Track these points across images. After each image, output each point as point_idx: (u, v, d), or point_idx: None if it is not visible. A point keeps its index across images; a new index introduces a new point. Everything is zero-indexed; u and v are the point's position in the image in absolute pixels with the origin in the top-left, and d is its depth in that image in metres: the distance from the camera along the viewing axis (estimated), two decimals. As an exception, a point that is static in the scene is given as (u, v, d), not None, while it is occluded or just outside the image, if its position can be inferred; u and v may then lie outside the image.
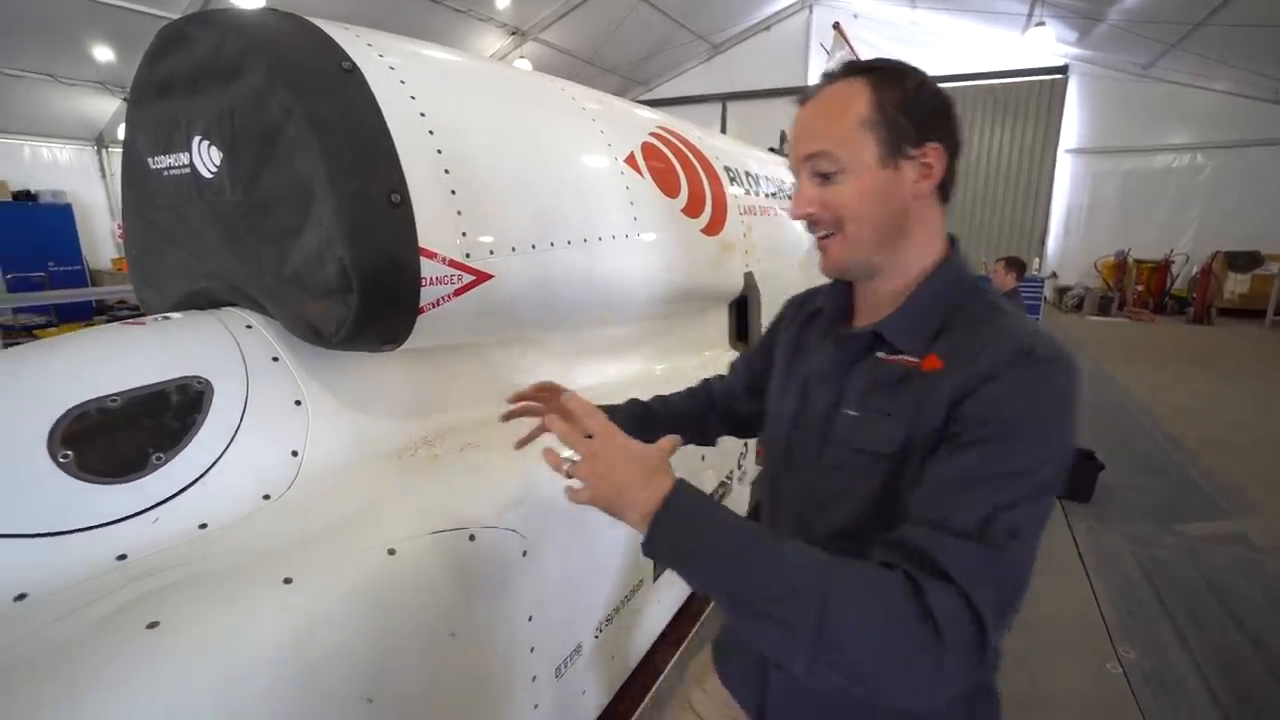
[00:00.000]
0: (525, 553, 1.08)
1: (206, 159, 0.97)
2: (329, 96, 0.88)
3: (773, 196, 2.38)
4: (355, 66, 0.92)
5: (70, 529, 0.72)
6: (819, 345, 0.87)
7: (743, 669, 0.94)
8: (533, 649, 1.13)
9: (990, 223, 11.01)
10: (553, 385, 1.00)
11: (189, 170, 1.00)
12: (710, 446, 1.17)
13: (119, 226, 8.75)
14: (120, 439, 0.79)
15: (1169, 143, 9.99)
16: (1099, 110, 10.24)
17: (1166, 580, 2.67)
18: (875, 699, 0.57)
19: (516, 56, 9.78)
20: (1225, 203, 9.75)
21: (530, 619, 1.11)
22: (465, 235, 1.01)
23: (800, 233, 2.59)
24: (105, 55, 7.14)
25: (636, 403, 1.09)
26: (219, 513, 0.83)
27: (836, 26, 5.16)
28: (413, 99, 0.97)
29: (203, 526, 0.82)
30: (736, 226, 1.95)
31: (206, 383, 0.88)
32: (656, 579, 1.60)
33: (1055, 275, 10.95)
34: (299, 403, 0.96)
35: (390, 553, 0.85)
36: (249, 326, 0.99)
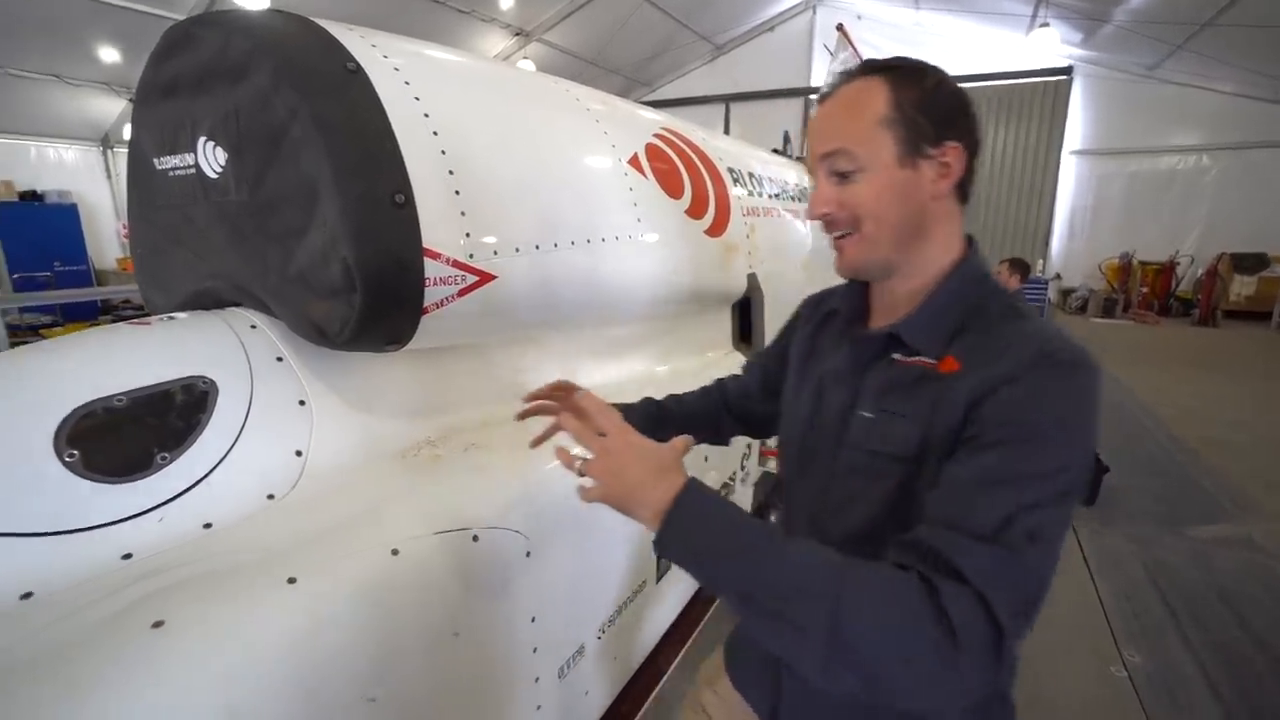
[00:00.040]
0: (528, 553, 1.08)
1: (212, 159, 0.98)
2: (334, 97, 0.88)
3: (776, 198, 2.38)
4: (360, 67, 0.92)
5: (76, 528, 0.72)
6: (834, 347, 0.86)
7: (755, 672, 0.93)
8: (535, 650, 1.13)
9: (994, 224, 10.97)
10: (567, 384, 1.00)
11: (194, 171, 1.01)
12: (723, 446, 1.16)
13: (124, 226, 8.78)
14: (126, 438, 0.79)
15: (1174, 144, 9.94)
16: (1104, 111, 10.20)
17: (1171, 583, 2.66)
18: (889, 702, 0.56)
19: (520, 57, 9.79)
20: (1231, 204, 9.69)
21: (533, 620, 1.11)
22: (469, 236, 1.01)
23: (803, 234, 2.58)
24: (111, 56, 7.17)
25: (650, 401, 1.08)
26: (223, 512, 0.84)
27: (840, 28, 5.15)
28: (417, 100, 0.97)
29: (207, 526, 0.82)
30: (740, 228, 1.94)
31: (211, 383, 0.88)
32: (660, 580, 1.60)
33: (1059, 277, 10.91)
34: (303, 403, 0.96)
35: (394, 553, 0.85)
36: (253, 326, 0.99)
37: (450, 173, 0.99)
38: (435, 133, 0.98)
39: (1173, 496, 3.47)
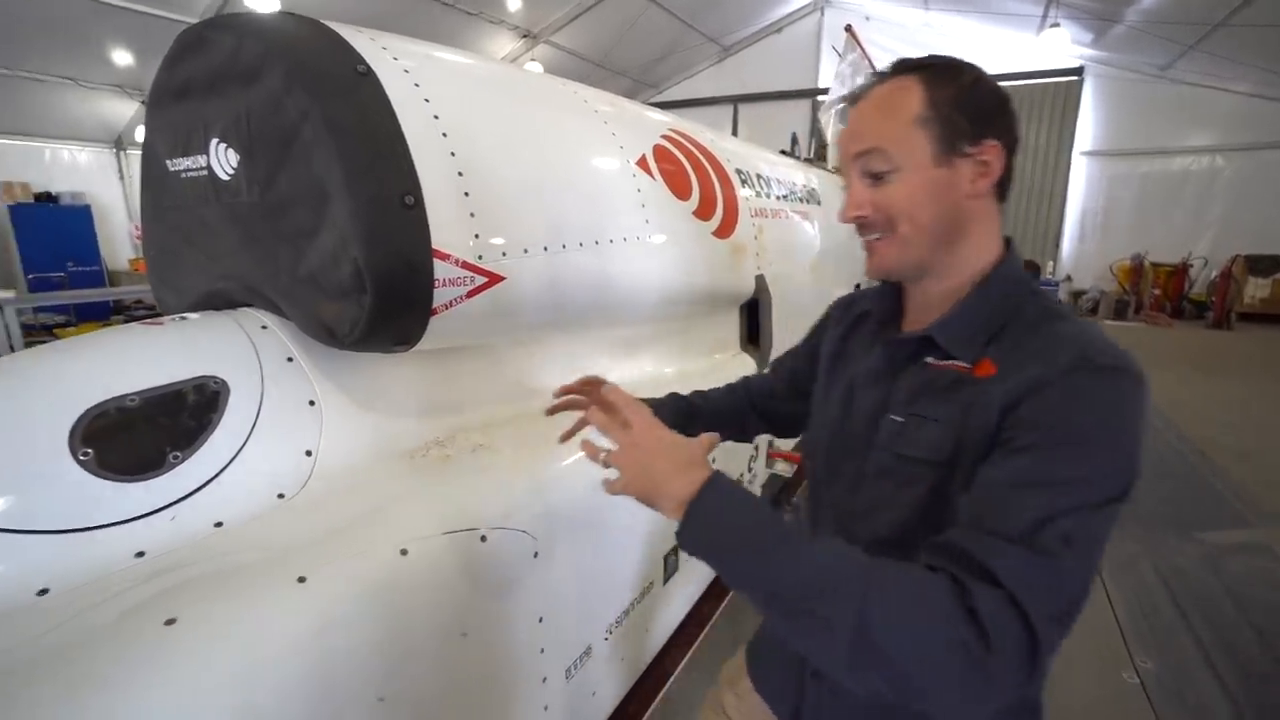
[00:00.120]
0: (536, 554, 1.08)
1: (224, 161, 0.99)
2: (345, 99, 0.89)
3: (784, 199, 2.37)
4: (370, 70, 0.92)
5: (91, 526, 0.73)
6: (866, 349, 0.85)
7: (777, 674, 0.92)
8: (543, 650, 1.13)
9: (1004, 225, 10.88)
10: (596, 379, 0.99)
11: (206, 172, 1.02)
12: (747, 443, 1.16)
13: (136, 228, 8.89)
14: (139, 438, 0.80)
15: (1187, 145, 9.84)
16: (1115, 112, 10.11)
17: (1185, 589, 2.62)
18: (915, 704, 0.54)
19: (527, 59, 9.83)
20: (1246, 205, 9.58)
21: (541, 620, 1.11)
22: (478, 237, 1.02)
23: (811, 235, 2.58)
24: (124, 59, 7.26)
25: (677, 397, 1.08)
26: (234, 511, 0.84)
27: (848, 29, 5.14)
28: (427, 102, 0.98)
29: (218, 525, 0.82)
30: (748, 229, 1.94)
31: (223, 383, 0.89)
32: (667, 581, 1.60)
33: (1070, 279, 10.82)
34: (313, 403, 0.97)
35: (402, 553, 0.86)
36: (264, 327, 1.00)
37: (460, 174, 0.99)
38: (445, 134, 0.99)
39: (1187, 501, 3.43)
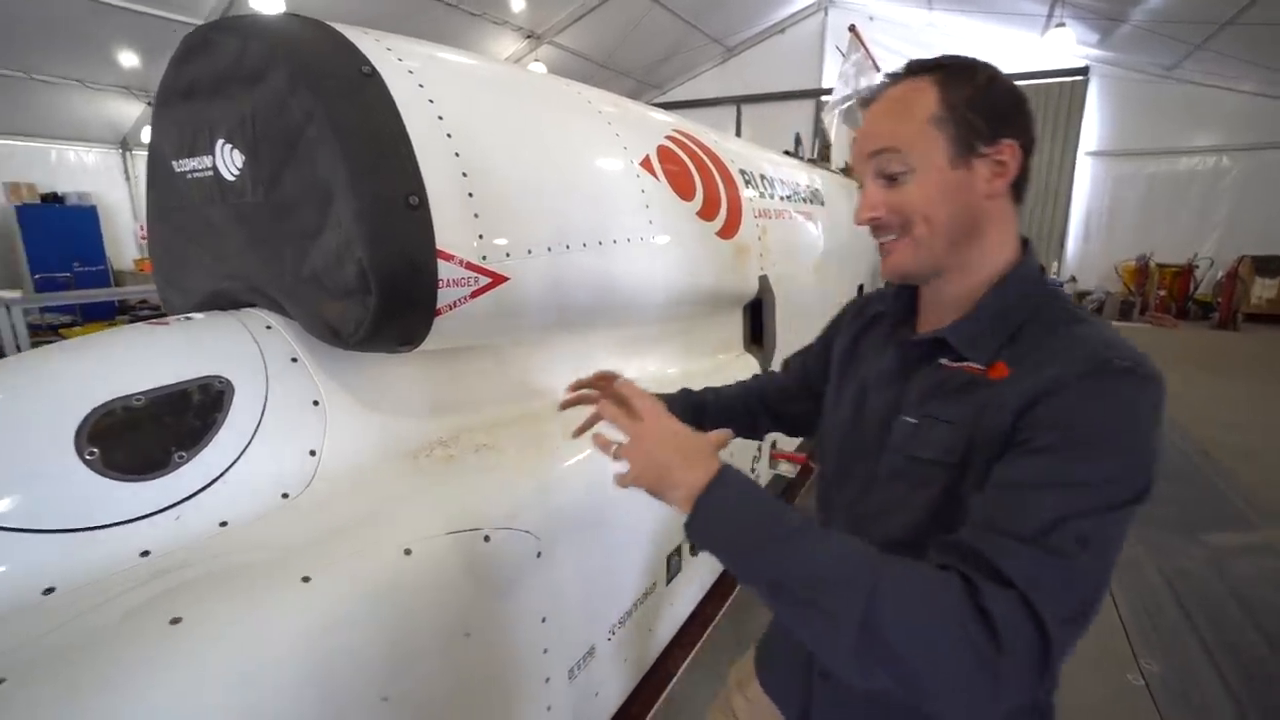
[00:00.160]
0: (539, 554, 1.08)
1: (229, 162, 0.99)
2: (349, 100, 0.89)
3: (788, 199, 2.37)
4: (375, 70, 0.93)
5: (96, 525, 0.73)
6: (879, 350, 0.84)
7: (786, 676, 0.92)
8: (546, 650, 1.13)
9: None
10: (609, 373, 0.99)
11: (212, 173, 1.02)
12: (757, 440, 1.16)
13: (141, 228, 8.92)
14: (144, 437, 0.80)
15: (1193, 145, 9.78)
16: (1120, 112, 10.06)
17: (1190, 591, 2.61)
18: (921, 703, 0.54)
19: (531, 60, 9.84)
20: (1252, 206, 9.51)
21: (544, 620, 1.11)
22: (482, 238, 1.02)
23: (815, 236, 2.57)
24: (130, 61, 7.28)
25: (689, 392, 1.08)
26: (239, 511, 0.84)
27: (852, 29, 5.12)
28: (431, 102, 0.98)
29: (223, 524, 0.83)
30: (751, 229, 1.94)
31: (227, 382, 0.89)
32: (670, 582, 1.60)
33: (1074, 279, 10.78)
34: (317, 403, 0.97)
35: (406, 553, 0.86)
36: (269, 327, 1.00)
37: (464, 175, 0.99)
38: (449, 135, 0.99)
39: (1192, 503, 3.41)
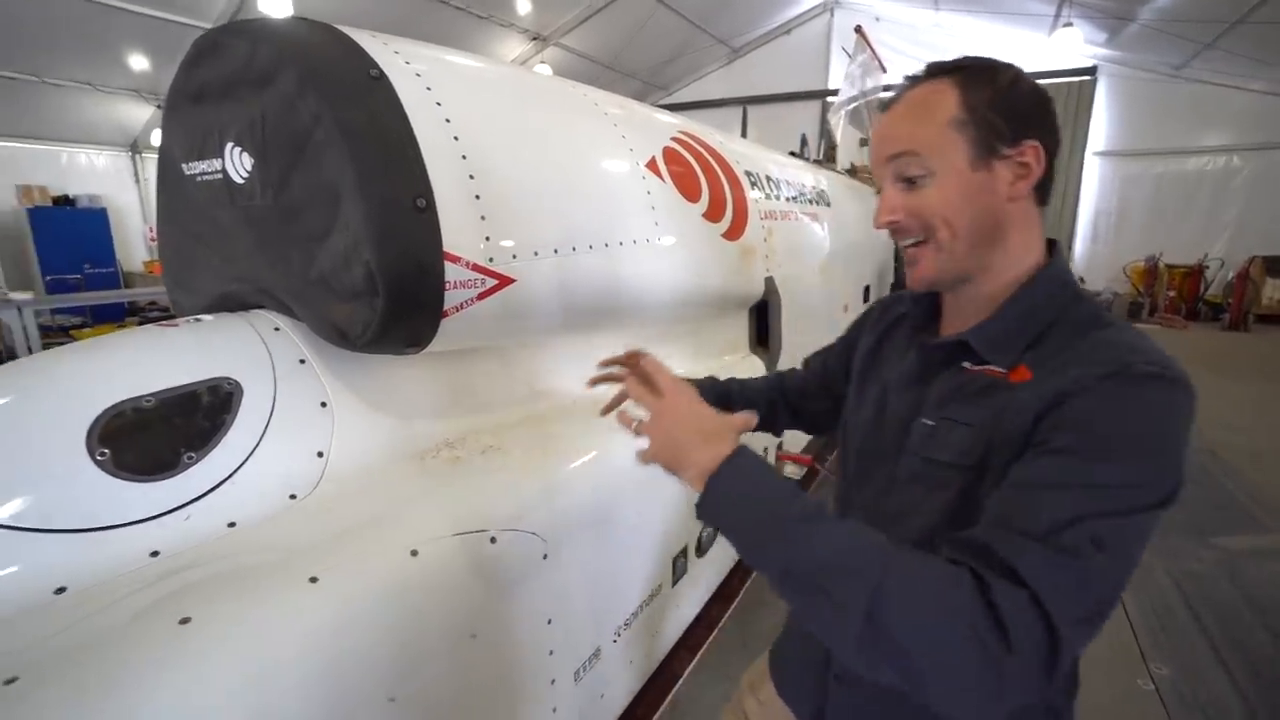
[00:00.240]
0: (545, 556, 1.08)
1: (238, 164, 1.00)
2: (357, 103, 0.89)
3: (794, 201, 2.36)
4: (383, 73, 0.93)
5: (107, 525, 0.74)
6: (901, 352, 0.84)
7: (800, 677, 0.92)
8: (552, 652, 1.13)
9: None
10: (639, 351, 0.98)
11: (221, 175, 1.03)
12: (777, 437, 1.16)
13: (151, 230, 9.00)
14: (154, 438, 0.80)
15: (1203, 145, 9.70)
16: (1129, 112, 9.99)
17: (1201, 595, 2.59)
18: (931, 701, 0.53)
19: (537, 62, 9.86)
20: (1263, 206, 9.42)
21: (550, 622, 1.11)
22: (489, 240, 1.02)
23: (821, 237, 2.57)
24: (140, 64, 7.35)
25: (715, 380, 1.09)
26: (247, 512, 0.85)
27: (858, 30, 5.12)
28: (438, 105, 0.99)
29: (231, 525, 0.83)
30: (757, 231, 1.94)
31: (236, 384, 0.89)
32: (676, 584, 1.60)
33: (1083, 280, 10.61)
34: (325, 404, 0.98)
35: (413, 554, 0.86)
36: (277, 329, 1.01)
37: (471, 177, 1.00)
38: (456, 137, 0.99)
39: (1203, 506, 3.38)
